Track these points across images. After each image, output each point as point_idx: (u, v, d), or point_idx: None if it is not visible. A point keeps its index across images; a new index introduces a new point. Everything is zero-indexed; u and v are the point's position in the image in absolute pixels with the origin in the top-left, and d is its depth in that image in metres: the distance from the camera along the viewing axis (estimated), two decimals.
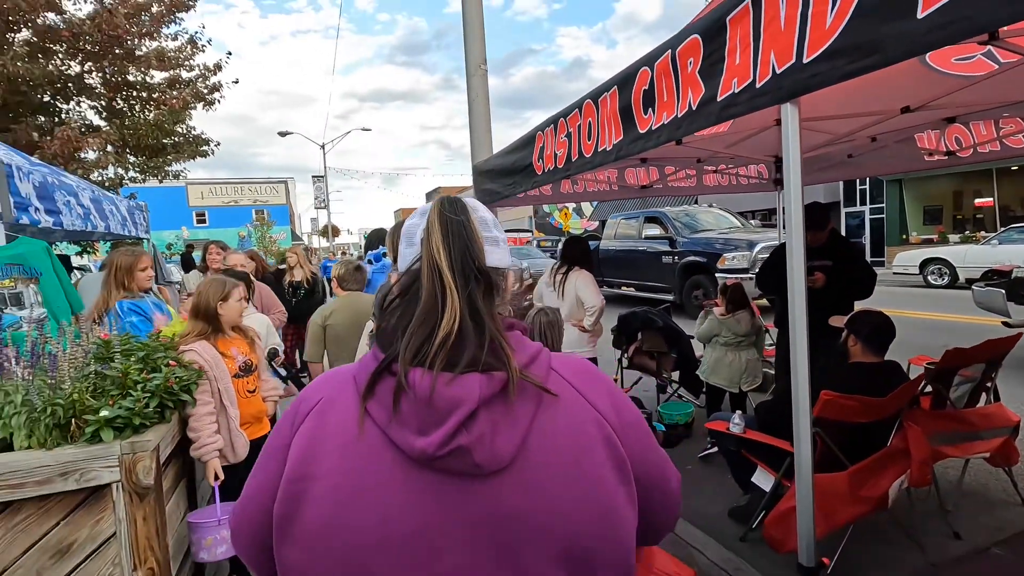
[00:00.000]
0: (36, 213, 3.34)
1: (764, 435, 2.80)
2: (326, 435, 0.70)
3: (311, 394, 0.76)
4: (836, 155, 4.15)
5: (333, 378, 0.77)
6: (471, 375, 0.67)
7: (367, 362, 0.73)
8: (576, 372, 0.76)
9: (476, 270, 0.72)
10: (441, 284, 0.70)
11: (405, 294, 0.75)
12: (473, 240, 0.73)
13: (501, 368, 0.68)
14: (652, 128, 1.88)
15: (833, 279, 3.51)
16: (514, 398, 0.67)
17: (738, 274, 8.59)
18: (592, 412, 0.73)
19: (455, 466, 0.66)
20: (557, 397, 0.71)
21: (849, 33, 1.23)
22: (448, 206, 0.76)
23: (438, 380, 0.66)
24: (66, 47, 8.30)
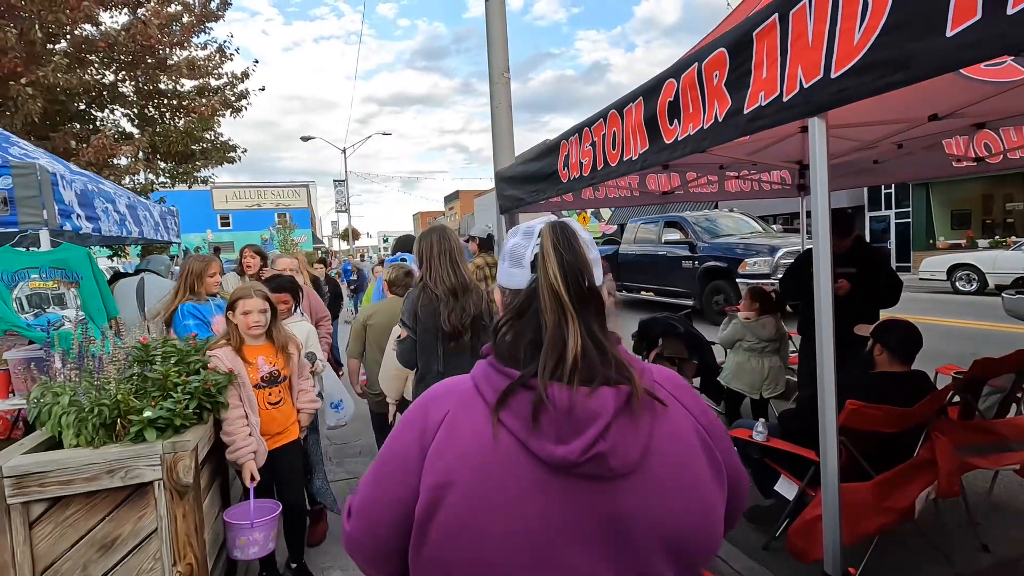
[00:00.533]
0: (78, 220, 3.47)
1: (787, 443, 2.79)
2: (461, 445, 0.76)
3: (435, 408, 0.81)
4: (861, 161, 4.11)
5: (454, 391, 0.83)
6: (604, 389, 0.74)
7: (490, 376, 0.79)
8: (673, 383, 0.85)
9: (589, 292, 0.79)
10: (562, 311, 0.76)
11: (519, 315, 0.81)
12: (586, 263, 0.80)
13: (626, 383, 0.75)
14: (678, 139, 1.91)
15: (858, 286, 3.49)
16: (634, 410, 0.75)
17: (759, 279, 8.51)
18: (691, 419, 0.82)
19: (590, 471, 0.73)
20: (667, 407, 0.79)
21: (877, 49, 1.25)
22: (561, 232, 0.81)
23: (577, 394, 0.73)
24: (102, 57, 8.58)
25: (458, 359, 2.59)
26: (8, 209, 3.03)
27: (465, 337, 2.56)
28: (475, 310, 2.57)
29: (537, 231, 0.83)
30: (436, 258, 2.58)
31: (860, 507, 2.42)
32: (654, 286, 11.22)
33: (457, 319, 2.51)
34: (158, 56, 8.97)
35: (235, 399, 2.40)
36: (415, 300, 2.58)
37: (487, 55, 4.76)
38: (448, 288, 2.52)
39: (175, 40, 9.09)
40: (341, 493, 3.68)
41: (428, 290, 2.55)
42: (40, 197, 3.08)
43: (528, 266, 0.82)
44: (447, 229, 2.76)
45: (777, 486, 2.88)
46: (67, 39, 8.14)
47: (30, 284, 2.85)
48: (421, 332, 2.56)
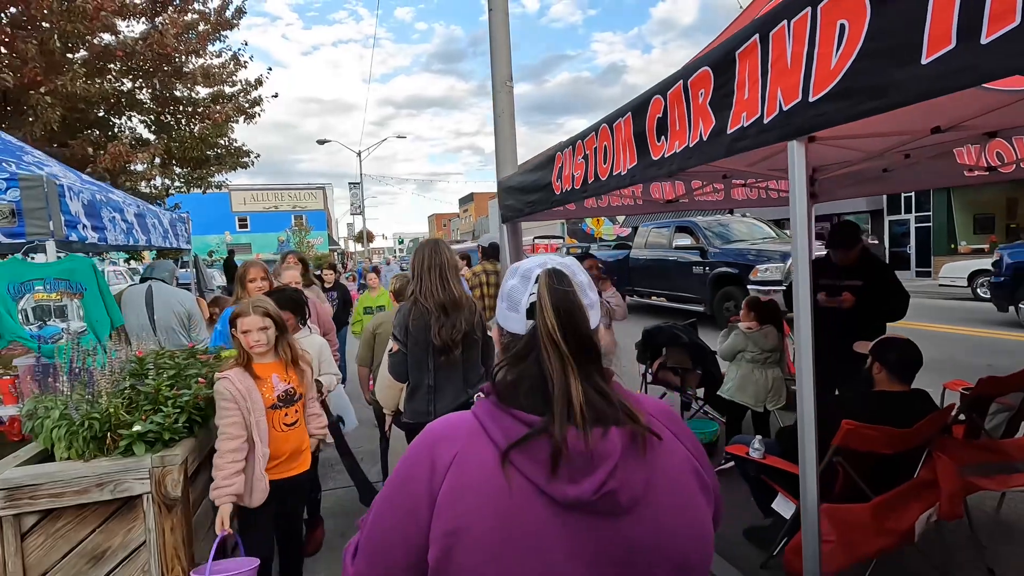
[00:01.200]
0: (84, 230, 3.54)
1: (784, 461, 2.74)
2: (473, 489, 0.77)
3: (443, 449, 0.81)
4: (871, 171, 4.03)
5: (460, 431, 0.83)
6: (613, 430, 0.78)
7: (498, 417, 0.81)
8: (664, 415, 0.88)
9: (588, 341, 0.82)
10: (562, 361, 0.79)
11: (518, 361, 0.84)
12: (582, 314, 0.82)
13: (631, 423, 0.79)
14: (665, 155, 1.89)
15: (863, 300, 3.42)
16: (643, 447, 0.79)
17: (771, 286, 8.40)
18: (683, 449, 0.86)
19: (601, 507, 0.76)
20: (663, 440, 0.82)
21: (854, 75, 1.22)
22: (557, 281, 0.82)
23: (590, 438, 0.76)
24: (120, 66, 8.77)
25: (449, 373, 2.60)
26: (16, 221, 3.10)
27: (456, 352, 2.56)
28: (466, 326, 2.57)
29: (534, 277, 0.85)
30: (427, 273, 2.58)
31: (858, 529, 2.37)
32: (664, 291, 11.13)
33: (447, 335, 2.51)
34: (174, 64, 9.13)
35: (235, 428, 2.14)
36: (406, 314, 2.58)
37: (491, 64, 4.76)
38: (437, 303, 2.51)
39: (191, 48, 9.25)
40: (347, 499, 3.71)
41: (419, 304, 2.54)
42: (47, 209, 3.15)
43: (524, 312, 0.85)
44: (440, 243, 2.74)
45: (775, 504, 2.83)
46: (85, 48, 8.33)
47: (35, 296, 2.92)
48: (412, 346, 2.56)
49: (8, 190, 3.09)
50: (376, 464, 4.39)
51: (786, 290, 4.23)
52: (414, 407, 2.63)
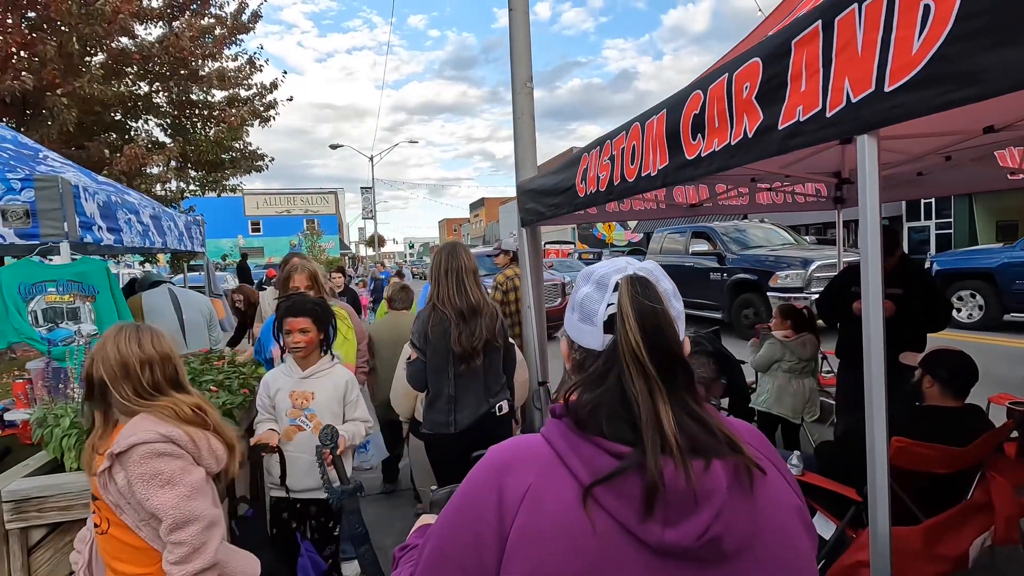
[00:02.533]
0: (99, 231, 3.49)
1: (825, 479, 2.59)
2: (552, 528, 0.66)
3: (513, 481, 0.70)
4: (904, 174, 3.88)
5: (531, 458, 0.72)
6: (716, 463, 0.67)
7: (577, 445, 0.70)
8: (760, 443, 0.77)
9: (678, 360, 0.71)
10: (648, 384, 0.69)
11: (597, 382, 0.72)
12: (671, 326, 0.72)
13: (730, 454, 0.68)
14: (701, 155, 1.77)
15: (903, 309, 3.26)
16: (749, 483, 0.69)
17: (792, 293, 8.21)
18: (784, 484, 0.75)
19: (703, 554, 0.66)
20: (766, 475, 0.71)
21: (941, 61, 1.09)
22: (642, 289, 0.72)
23: (690, 473, 0.65)
24: (137, 69, 8.81)
25: (469, 382, 2.50)
26: (30, 222, 3.04)
27: (476, 361, 2.47)
28: (487, 333, 2.47)
29: (612, 284, 0.75)
30: (444, 277, 2.51)
31: (908, 554, 2.22)
32: (682, 298, 10.94)
33: (468, 342, 2.42)
34: (191, 68, 9.16)
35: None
36: (425, 320, 2.49)
37: (510, 65, 4.66)
38: (456, 310, 2.44)
39: (207, 52, 9.28)
40: None
41: (438, 310, 2.47)
42: (62, 210, 3.09)
43: (601, 325, 0.74)
44: (458, 246, 2.67)
45: (813, 523, 2.68)
46: (103, 51, 8.37)
47: (47, 298, 2.85)
48: (431, 354, 2.48)
49: (23, 190, 3.04)
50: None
51: (815, 299, 4.08)
52: (434, 417, 2.53)
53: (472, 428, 2.44)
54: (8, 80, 7.07)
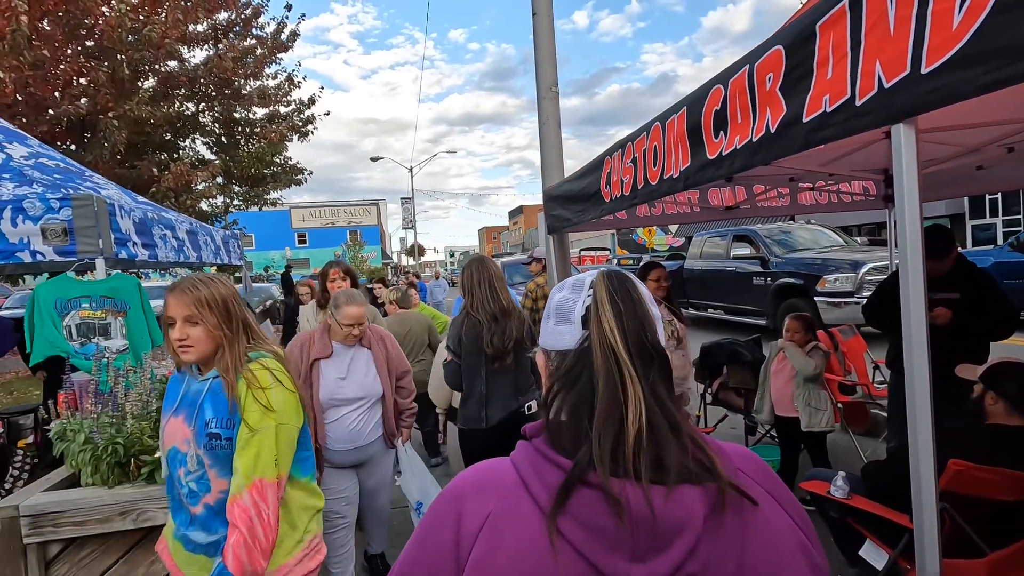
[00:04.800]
0: (134, 247, 3.60)
1: (874, 504, 2.37)
2: (508, 559, 0.61)
3: (472, 508, 0.65)
4: (961, 168, 3.57)
5: (493, 484, 0.67)
6: (686, 489, 0.60)
7: (541, 467, 0.64)
8: (758, 469, 0.69)
9: (654, 350, 0.66)
10: (619, 370, 0.63)
11: (571, 382, 0.67)
12: (647, 317, 0.68)
13: (708, 476, 0.61)
14: (723, 153, 1.63)
15: (960, 315, 2.98)
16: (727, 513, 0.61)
17: (842, 298, 7.77)
18: (784, 517, 0.66)
19: None
20: (757, 505, 0.63)
21: (987, 34, 0.94)
22: (616, 281, 0.70)
23: (653, 496, 0.58)
24: (183, 91, 9.22)
25: (499, 379, 2.68)
26: (68, 239, 3.16)
27: (507, 360, 2.65)
28: (516, 333, 2.66)
29: (588, 282, 0.72)
30: (477, 286, 2.73)
31: None
32: (723, 304, 10.56)
33: (500, 342, 2.62)
34: (233, 87, 9.53)
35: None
36: (459, 326, 2.71)
37: (535, 70, 4.60)
38: (489, 314, 2.66)
39: (248, 72, 9.64)
40: None
41: (471, 316, 2.69)
42: (97, 227, 3.20)
43: (579, 321, 0.69)
44: (485, 258, 2.93)
45: (863, 551, 2.45)
46: (152, 75, 8.80)
47: (80, 313, 2.95)
48: (466, 356, 2.69)
49: (61, 209, 3.16)
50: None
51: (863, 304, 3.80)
52: (466, 413, 2.73)
53: (502, 424, 2.60)
54: (65, 105, 7.51)
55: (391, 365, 2.65)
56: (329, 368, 2.48)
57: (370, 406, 2.56)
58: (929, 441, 1.31)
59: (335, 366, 2.49)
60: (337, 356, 2.50)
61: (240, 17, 9.64)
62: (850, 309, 7.36)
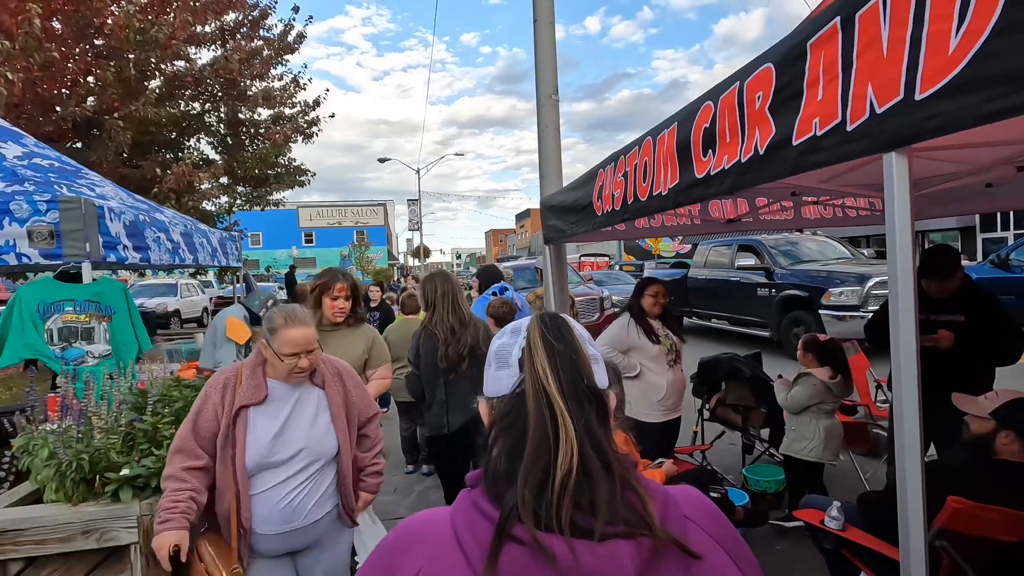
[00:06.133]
0: (124, 251, 3.56)
1: (869, 536, 2.27)
2: None
3: (403, 562, 0.63)
4: (971, 186, 3.47)
5: (428, 537, 0.64)
6: (617, 543, 0.57)
7: (473, 518, 0.62)
8: (707, 516, 0.67)
9: (588, 391, 0.64)
10: (551, 410, 0.62)
11: (508, 426, 0.65)
12: (581, 357, 0.66)
13: (642, 528, 0.58)
14: (711, 173, 1.56)
15: (965, 339, 2.87)
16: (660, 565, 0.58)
17: (847, 312, 7.64)
18: (734, 569, 0.64)
19: None
20: (702, 559, 0.61)
21: (986, 60, 0.86)
22: (550, 322, 0.69)
23: (579, 551, 0.56)
24: (189, 91, 9.23)
25: (458, 387, 2.79)
26: (54, 242, 3.13)
27: (463, 366, 2.76)
28: (472, 340, 2.77)
29: (525, 326, 0.71)
30: (440, 300, 2.84)
31: None
32: (726, 314, 10.43)
33: (454, 353, 2.74)
34: (239, 88, 9.53)
35: None
36: (417, 340, 2.85)
37: (535, 77, 4.54)
38: (448, 327, 2.78)
39: (255, 73, 9.63)
40: None
41: (428, 330, 2.82)
42: (84, 230, 3.16)
43: (516, 364, 0.68)
44: (447, 273, 3.09)
45: None
46: (159, 75, 8.81)
47: (64, 317, 2.91)
48: (424, 367, 2.83)
49: (48, 212, 3.13)
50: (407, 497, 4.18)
51: (867, 320, 3.69)
52: (431, 421, 2.88)
53: (465, 428, 2.74)
54: (72, 105, 7.53)
55: (351, 410, 1.96)
56: (261, 418, 1.77)
57: (318, 470, 1.83)
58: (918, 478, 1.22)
59: (270, 415, 1.78)
60: (275, 401, 1.80)
61: (248, 19, 9.64)
62: (855, 323, 7.24)
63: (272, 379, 1.83)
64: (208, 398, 1.78)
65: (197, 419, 1.76)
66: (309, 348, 1.79)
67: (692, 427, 4.60)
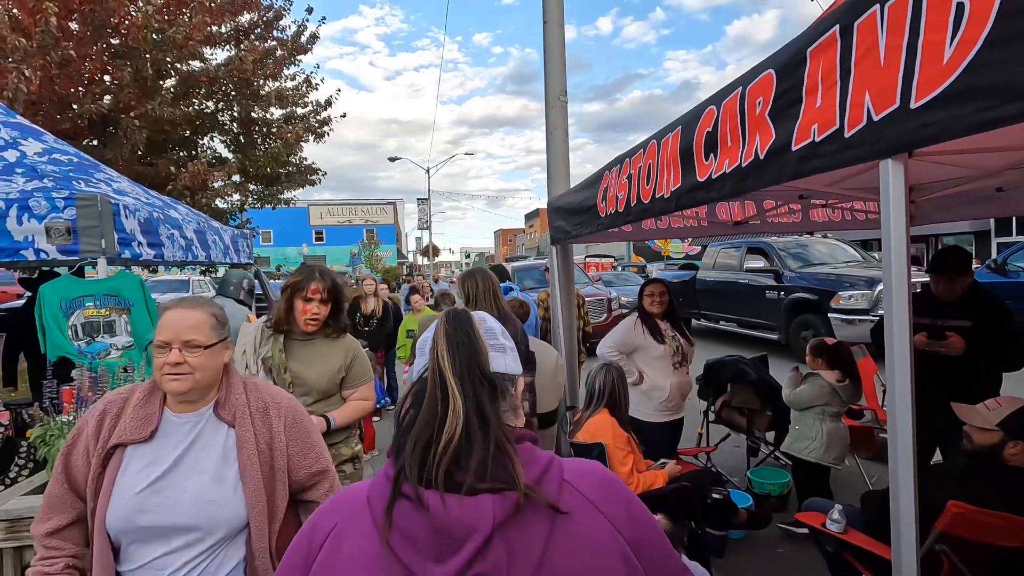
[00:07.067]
0: (139, 247, 3.63)
1: (870, 539, 2.28)
2: (340, 566, 0.70)
3: (324, 520, 0.76)
4: (980, 190, 3.45)
5: (346, 500, 0.77)
6: (483, 497, 0.67)
7: (381, 483, 0.73)
8: (592, 483, 0.74)
9: (481, 374, 0.74)
10: (444, 388, 0.72)
11: (415, 403, 0.76)
12: (477, 346, 0.76)
13: (511, 485, 0.67)
14: (712, 177, 1.58)
15: (973, 344, 2.86)
16: (525, 518, 0.67)
17: (856, 315, 7.60)
18: (607, 527, 0.71)
19: None
20: (570, 515, 0.69)
21: (979, 70, 0.88)
22: (453, 317, 0.79)
23: (449, 503, 0.66)
24: (203, 90, 9.35)
25: None
26: (71, 239, 3.20)
27: None
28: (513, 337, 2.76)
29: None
30: (482, 295, 2.81)
31: None
32: (734, 316, 10.40)
33: None
34: (252, 88, 9.64)
35: None
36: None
37: (544, 78, 4.56)
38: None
39: (268, 72, 9.73)
40: None
41: None
42: (100, 227, 3.23)
43: (428, 353, 0.79)
44: (486, 270, 3.03)
45: None
46: (174, 75, 8.93)
47: (85, 312, 2.98)
48: None
49: (66, 208, 3.20)
50: None
51: (874, 323, 3.69)
52: None
53: None
54: (88, 103, 7.66)
55: (277, 460, 1.37)
56: (138, 462, 1.28)
57: (213, 549, 1.27)
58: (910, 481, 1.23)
59: (149, 460, 1.28)
60: (163, 439, 1.31)
61: (262, 20, 9.75)
62: (864, 327, 7.19)
63: (173, 410, 1.33)
64: (81, 431, 1.32)
65: (68, 459, 1.30)
66: (184, 339, 1.27)
67: (697, 429, 4.60)
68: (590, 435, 2.78)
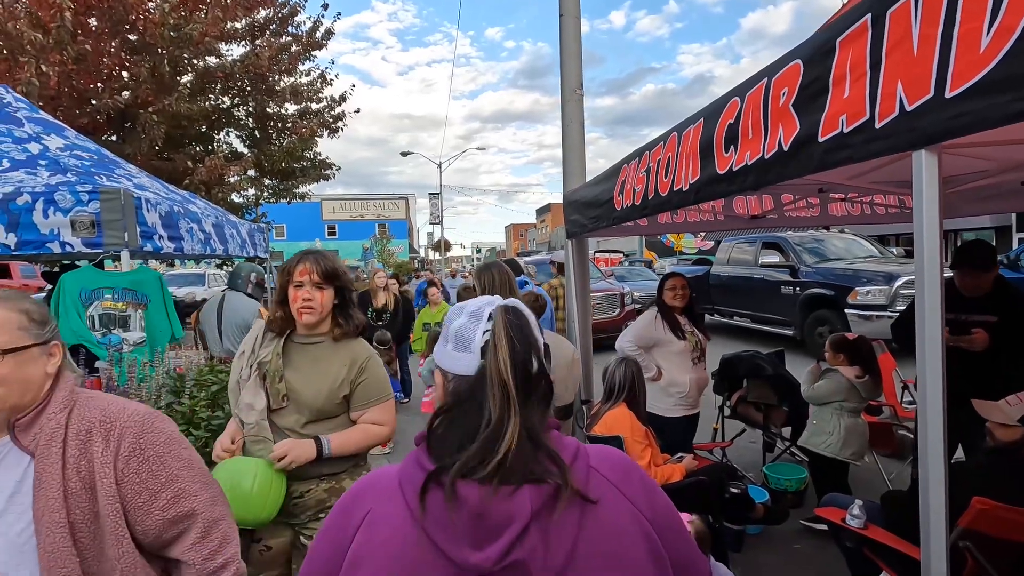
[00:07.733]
0: (160, 240, 3.68)
1: (890, 535, 2.26)
2: (377, 552, 0.71)
3: (357, 507, 0.77)
4: (1005, 184, 3.38)
5: (376, 487, 0.78)
6: (524, 488, 0.69)
7: (413, 471, 0.74)
8: (613, 467, 0.77)
9: (535, 379, 0.76)
10: (507, 404, 0.72)
11: (462, 403, 0.76)
12: (536, 350, 0.77)
13: (552, 479, 0.70)
14: (733, 169, 1.57)
15: (998, 339, 2.82)
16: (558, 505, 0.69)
17: (874, 311, 7.50)
18: (631, 508, 0.74)
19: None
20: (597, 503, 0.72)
21: (1018, 59, 0.87)
22: (514, 317, 0.78)
23: (495, 495, 0.68)
24: (219, 86, 9.43)
25: None
26: (95, 232, 3.26)
27: None
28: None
29: (487, 314, 0.80)
30: (499, 288, 2.77)
31: None
32: (749, 312, 10.31)
33: None
34: (268, 83, 9.70)
35: None
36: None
37: (560, 71, 4.54)
38: None
39: (283, 68, 9.79)
40: None
41: None
42: (123, 220, 3.29)
43: (478, 352, 0.77)
44: (502, 264, 3.01)
45: None
46: (191, 70, 9.01)
47: (103, 304, 3.03)
48: None
49: (90, 202, 3.26)
50: None
51: (893, 320, 3.64)
52: None
53: None
54: (106, 98, 7.76)
55: (105, 504, 1.01)
56: None
57: None
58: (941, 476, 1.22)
59: None
60: None
61: (277, 16, 9.80)
62: (882, 323, 7.10)
63: None
64: None
65: None
66: None
67: (713, 424, 4.58)
68: (608, 428, 2.79)
